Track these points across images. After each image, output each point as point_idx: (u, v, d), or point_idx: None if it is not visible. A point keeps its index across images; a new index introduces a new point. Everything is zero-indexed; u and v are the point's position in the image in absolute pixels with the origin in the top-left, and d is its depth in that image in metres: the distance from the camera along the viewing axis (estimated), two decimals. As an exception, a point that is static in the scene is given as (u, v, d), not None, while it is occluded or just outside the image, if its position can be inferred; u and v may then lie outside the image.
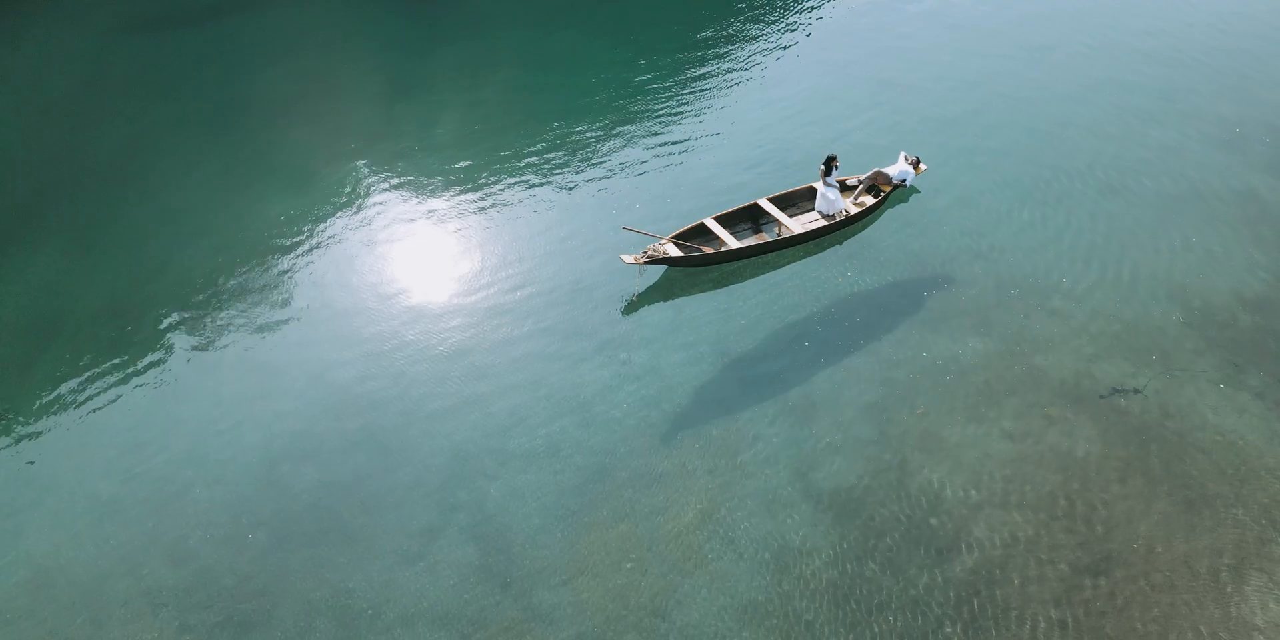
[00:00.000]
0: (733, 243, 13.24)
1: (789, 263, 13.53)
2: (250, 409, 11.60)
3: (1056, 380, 11.44)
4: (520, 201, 15.20)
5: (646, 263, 12.60)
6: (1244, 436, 10.64)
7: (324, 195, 15.78)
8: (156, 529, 10.21)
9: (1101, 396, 11.21)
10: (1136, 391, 11.23)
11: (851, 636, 8.87)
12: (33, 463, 11.13)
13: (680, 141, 16.60)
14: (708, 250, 13.14)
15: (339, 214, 15.29)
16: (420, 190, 15.79)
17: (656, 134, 16.90)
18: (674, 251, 12.88)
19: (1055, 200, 14.52)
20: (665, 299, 13.03)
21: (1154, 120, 16.60)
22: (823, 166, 13.57)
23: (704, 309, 12.81)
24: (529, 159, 16.35)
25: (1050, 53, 19.16)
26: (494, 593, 9.42)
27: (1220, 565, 9.34)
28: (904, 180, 14.22)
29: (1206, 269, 13.05)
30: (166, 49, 20.66)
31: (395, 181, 16.07)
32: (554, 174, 15.89)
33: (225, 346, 12.65)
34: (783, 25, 21.07)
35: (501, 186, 15.63)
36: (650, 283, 13.26)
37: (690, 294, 13.11)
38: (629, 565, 9.63)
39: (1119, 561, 9.41)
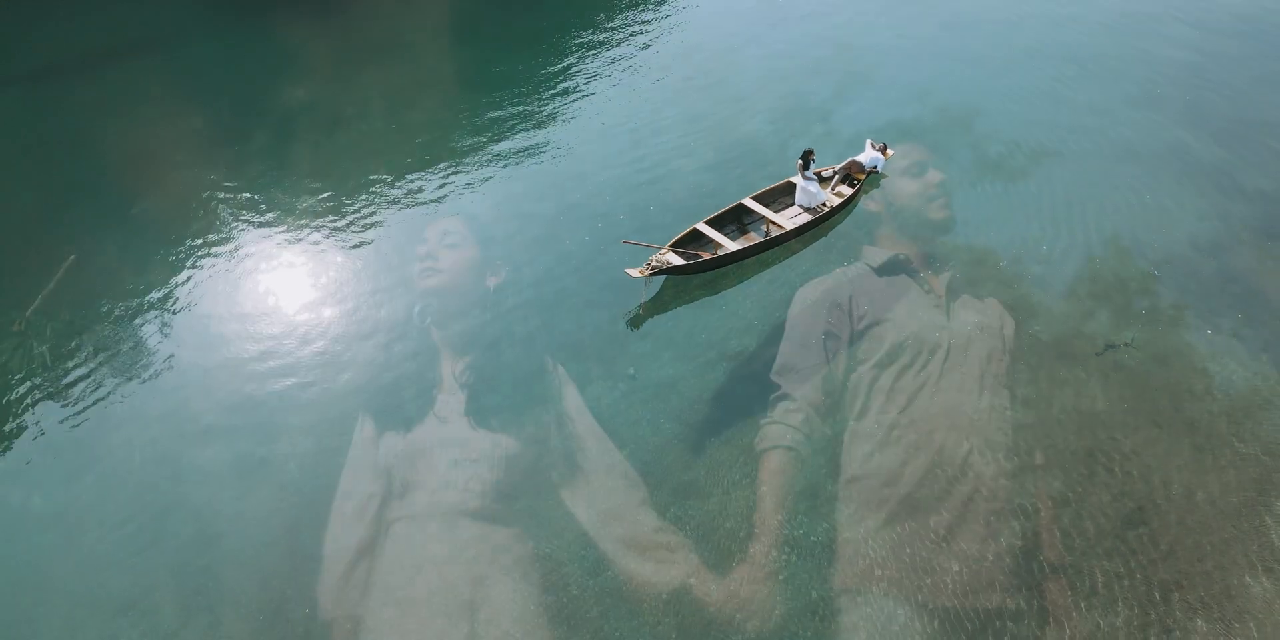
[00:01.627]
0: (730, 245, 13.22)
1: (778, 260, 13.62)
2: (253, 474, 10.81)
3: (1052, 343, 11.93)
4: (505, 234, 14.41)
5: (652, 274, 12.45)
6: (1232, 375, 11.37)
7: (275, 256, 14.31)
8: (186, 627, 9.38)
9: (1098, 354, 11.76)
10: (1128, 345, 11.84)
11: (930, 618, 8.98)
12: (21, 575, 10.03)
13: (646, 151, 16.33)
14: (707, 256, 13.09)
15: (295, 273, 13.96)
16: (386, 233, 14.76)
17: (614, 145, 16.69)
18: (676, 260, 12.77)
19: (1012, 172, 15.19)
20: (663, 310, 12.89)
21: (1078, 87, 17.58)
22: (800, 160, 13.71)
23: (703, 315, 12.74)
24: (492, 189, 15.74)
25: (969, 30, 20.03)
26: (564, 636, 9.08)
27: (1244, 499, 9.94)
28: (875, 166, 14.56)
29: (1160, 221, 13.90)
30: (57, 103, 19.03)
31: (356, 227, 15.06)
32: (527, 197, 15.32)
33: (204, 414, 11.74)
34: (696, 28, 21.26)
35: (473, 218, 14.86)
36: (650, 295, 13.08)
37: (685, 302, 13.00)
38: (693, 581, 9.48)
39: (1155, 509, 9.88)
